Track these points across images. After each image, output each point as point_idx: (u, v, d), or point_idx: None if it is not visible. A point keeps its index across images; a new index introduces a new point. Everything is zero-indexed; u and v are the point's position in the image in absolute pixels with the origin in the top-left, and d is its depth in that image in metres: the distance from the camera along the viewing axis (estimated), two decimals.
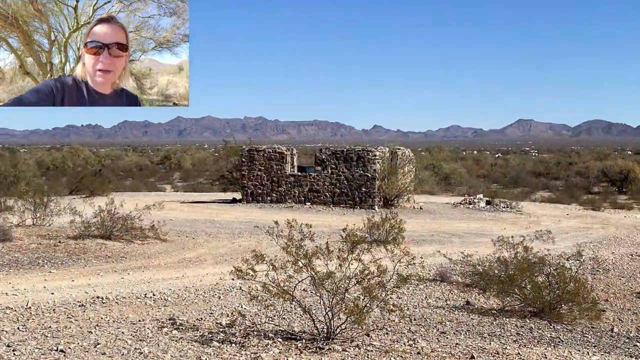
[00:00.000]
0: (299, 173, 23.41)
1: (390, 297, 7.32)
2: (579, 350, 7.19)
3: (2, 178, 26.11)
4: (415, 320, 8.17)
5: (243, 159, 23.68)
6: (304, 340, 6.85)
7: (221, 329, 7.32)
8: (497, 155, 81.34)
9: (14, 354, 6.28)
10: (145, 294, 9.03)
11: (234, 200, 24.51)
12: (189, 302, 8.79)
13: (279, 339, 6.88)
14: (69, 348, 6.48)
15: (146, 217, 13.92)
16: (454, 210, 23.01)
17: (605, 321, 8.67)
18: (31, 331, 7.13)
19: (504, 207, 23.69)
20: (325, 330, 6.86)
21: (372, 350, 6.63)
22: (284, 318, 7.92)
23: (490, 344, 7.25)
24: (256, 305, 7.91)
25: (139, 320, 7.69)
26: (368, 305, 6.83)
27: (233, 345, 6.67)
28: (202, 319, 7.89)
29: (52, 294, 9.02)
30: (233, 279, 9.27)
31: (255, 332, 7.12)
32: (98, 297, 8.76)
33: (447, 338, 7.40)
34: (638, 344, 7.69)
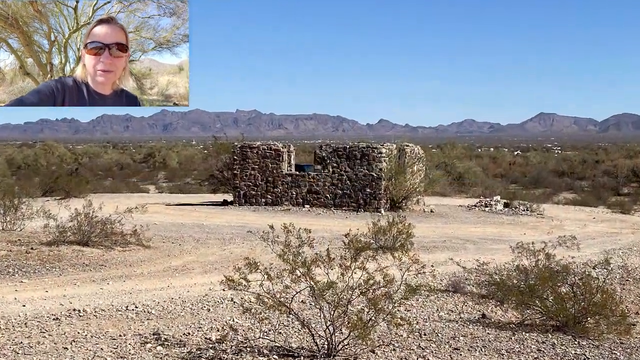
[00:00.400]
0: (297, 172, 23.42)
1: (398, 310, 7.32)
2: None
3: None
4: (425, 335, 8.17)
5: (235, 157, 23.70)
6: (302, 357, 6.85)
7: (211, 345, 7.32)
8: (515, 153, 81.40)
9: None
10: (127, 306, 9.04)
11: (224, 203, 24.53)
12: (175, 315, 8.79)
13: (275, 356, 6.88)
14: None
15: (128, 221, 13.92)
16: (468, 214, 23.01)
17: (636, 336, 8.66)
18: (0, 347, 7.13)
19: (524, 210, 23.70)
20: (326, 346, 6.86)
21: None
22: (280, 333, 7.92)
23: None
24: (249, 318, 7.91)
25: (120, 336, 7.69)
26: (373, 318, 6.83)
27: None
28: (189, 333, 7.89)
29: (24, 306, 9.02)
30: (224, 290, 9.26)
31: (248, 349, 7.13)
32: (74, 310, 8.76)
33: (461, 355, 7.41)
34: None
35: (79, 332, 7.79)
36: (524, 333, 8.48)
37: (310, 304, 8.63)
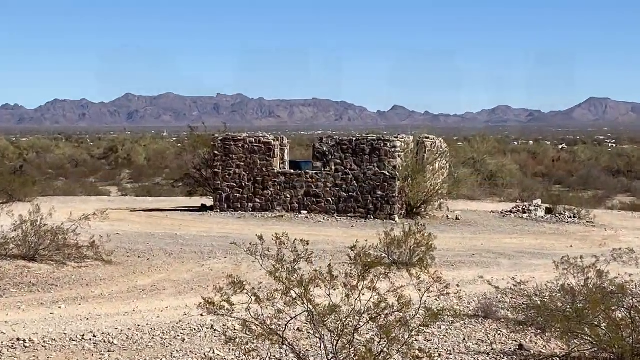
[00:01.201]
0: (292, 171, 23.43)
1: (416, 340, 7.32)
2: None
3: None
4: None
5: (215, 152, 23.70)
6: None
7: None
8: (560, 147, 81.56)
9: None
10: (83, 335, 9.04)
11: (203, 208, 24.54)
12: (142, 346, 8.79)
13: None
14: None
15: (84, 231, 13.92)
16: (502, 221, 23.01)
17: None
18: None
19: (570, 217, 23.71)
20: None
21: None
22: None
23: None
24: (233, 350, 7.90)
25: None
26: (385, 350, 6.82)
27: None
28: None
29: None
30: (202, 315, 9.26)
31: None
32: (19, 340, 8.76)
33: None
34: None
35: None
36: None
37: (309, 332, 8.63)
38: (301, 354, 7.20)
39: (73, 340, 8.85)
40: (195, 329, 9.53)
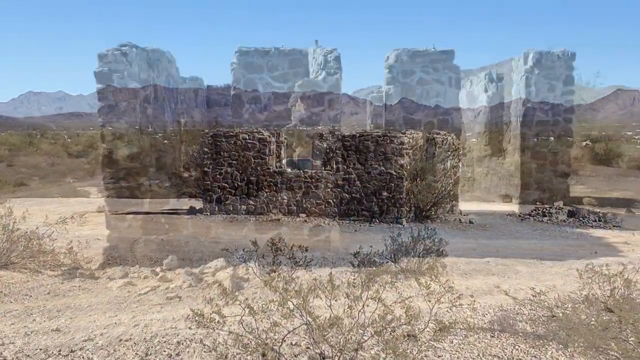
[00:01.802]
0: (290, 170, 23.43)
1: (425, 356, 7.32)
2: None
3: None
4: None
5: (205, 149, 23.70)
6: None
7: None
8: (584, 143, 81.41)
9: None
10: (60, 350, 9.03)
11: (192, 211, 24.54)
12: None
13: None
14: None
15: (61, 236, 13.92)
16: (519, 225, 22.99)
17: None
18: None
19: (595, 221, 23.70)
20: None
21: None
22: None
23: None
24: None
25: None
26: None
27: None
28: None
29: None
30: (190, 328, 9.27)
31: None
32: None
33: None
34: None
35: None
36: None
37: (307, 347, 8.63)
38: None
39: (49, 356, 8.84)
40: (183, 344, 9.52)
